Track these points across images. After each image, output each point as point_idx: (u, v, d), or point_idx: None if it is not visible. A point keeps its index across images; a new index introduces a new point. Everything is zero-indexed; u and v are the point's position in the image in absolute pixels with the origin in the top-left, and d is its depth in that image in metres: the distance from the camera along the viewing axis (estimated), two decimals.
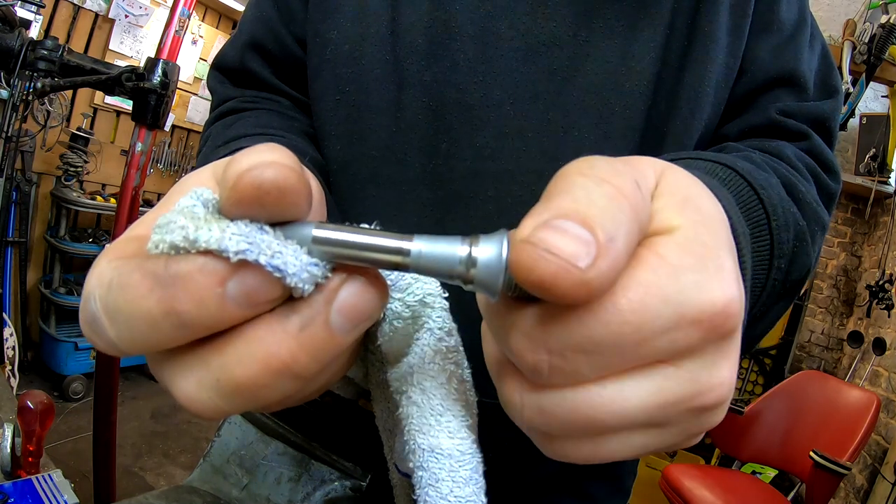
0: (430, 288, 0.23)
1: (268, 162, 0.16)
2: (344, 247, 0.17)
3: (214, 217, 0.17)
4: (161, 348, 0.18)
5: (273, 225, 0.17)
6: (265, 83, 0.49)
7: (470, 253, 0.17)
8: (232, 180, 0.16)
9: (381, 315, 0.23)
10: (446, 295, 0.24)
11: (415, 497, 0.24)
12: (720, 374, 0.18)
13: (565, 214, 0.15)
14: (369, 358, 0.28)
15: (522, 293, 0.17)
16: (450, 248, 0.17)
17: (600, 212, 0.15)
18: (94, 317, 0.17)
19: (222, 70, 0.51)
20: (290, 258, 0.17)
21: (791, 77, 0.44)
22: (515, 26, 0.40)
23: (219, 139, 0.41)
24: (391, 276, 0.23)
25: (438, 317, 0.23)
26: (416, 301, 0.23)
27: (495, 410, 0.42)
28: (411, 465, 0.24)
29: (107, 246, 0.19)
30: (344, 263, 0.18)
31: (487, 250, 0.17)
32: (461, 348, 0.24)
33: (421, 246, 0.17)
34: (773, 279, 0.32)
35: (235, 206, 0.17)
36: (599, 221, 0.15)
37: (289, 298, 0.18)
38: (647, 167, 0.20)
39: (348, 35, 0.43)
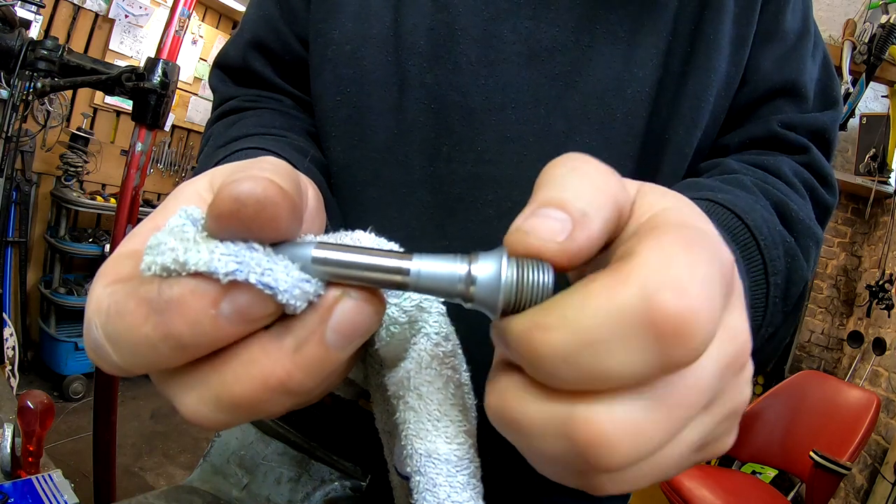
0: None
1: (249, 176, 0.16)
2: (343, 267, 0.17)
3: (204, 237, 0.17)
4: (164, 368, 0.18)
5: (275, 245, 0.17)
6: (267, 82, 0.49)
7: (469, 271, 0.17)
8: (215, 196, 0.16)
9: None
10: (443, 300, 0.23)
11: (413, 501, 0.24)
12: (745, 326, 0.19)
13: (545, 203, 0.18)
14: (368, 360, 0.28)
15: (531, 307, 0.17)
16: (449, 267, 0.18)
17: (573, 194, 0.18)
18: (97, 343, 0.18)
19: (224, 69, 0.51)
20: (281, 275, 0.17)
21: (793, 88, 0.44)
22: (518, 30, 0.40)
23: (220, 139, 0.40)
24: None
25: (435, 321, 0.23)
26: (412, 306, 0.23)
27: None
28: (409, 469, 0.24)
29: (102, 266, 0.19)
30: (342, 283, 0.18)
31: (486, 268, 0.17)
32: (459, 352, 0.24)
33: (420, 265, 0.17)
34: (773, 297, 0.32)
35: (214, 221, 0.17)
36: (573, 201, 0.17)
37: (285, 315, 0.18)
38: (627, 181, 0.21)
39: (350, 35, 0.42)
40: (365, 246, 0.19)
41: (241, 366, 0.17)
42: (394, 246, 0.23)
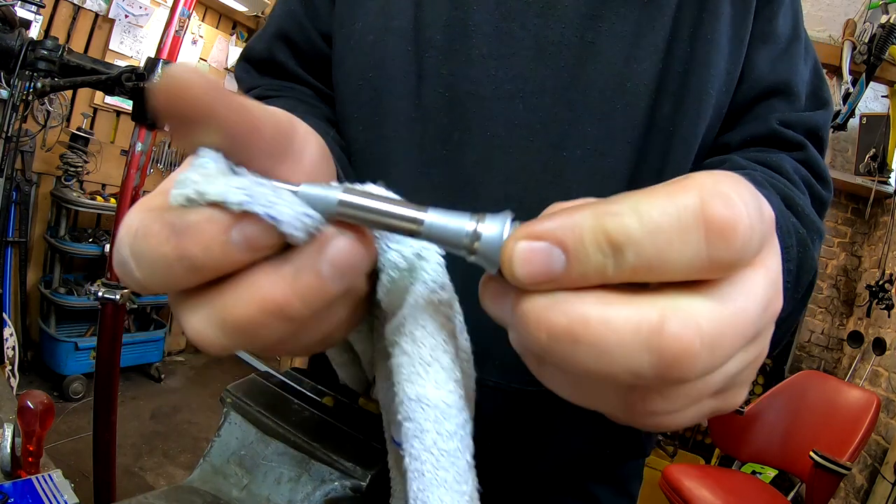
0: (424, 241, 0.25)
1: (174, 67, 0.18)
2: (365, 212, 0.20)
3: (223, 173, 0.19)
4: (178, 288, 0.20)
5: (306, 186, 0.20)
6: (290, 73, 0.52)
7: (476, 228, 0.19)
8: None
9: (378, 265, 0.24)
10: (443, 253, 0.25)
11: (402, 450, 0.24)
12: (780, 275, 0.20)
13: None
14: (375, 324, 0.29)
15: None
16: (459, 223, 0.20)
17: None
18: (124, 261, 0.20)
19: (250, 61, 0.55)
20: (284, 208, 0.19)
21: (786, 87, 0.47)
22: (527, 27, 0.44)
23: None
24: None
25: (433, 269, 0.25)
26: (412, 253, 0.24)
27: (496, 395, 0.42)
28: (400, 417, 0.24)
29: (139, 201, 0.22)
30: (360, 225, 0.20)
31: (492, 227, 0.19)
32: (455, 304, 0.25)
33: (434, 218, 0.20)
34: (787, 282, 0.34)
35: (156, 105, 0.18)
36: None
37: (288, 247, 0.20)
38: None
39: (372, 27, 0.46)
40: (384, 195, 0.21)
41: (244, 289, 0.19)
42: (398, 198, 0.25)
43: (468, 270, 0.24)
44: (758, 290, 0.18)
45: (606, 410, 0.21)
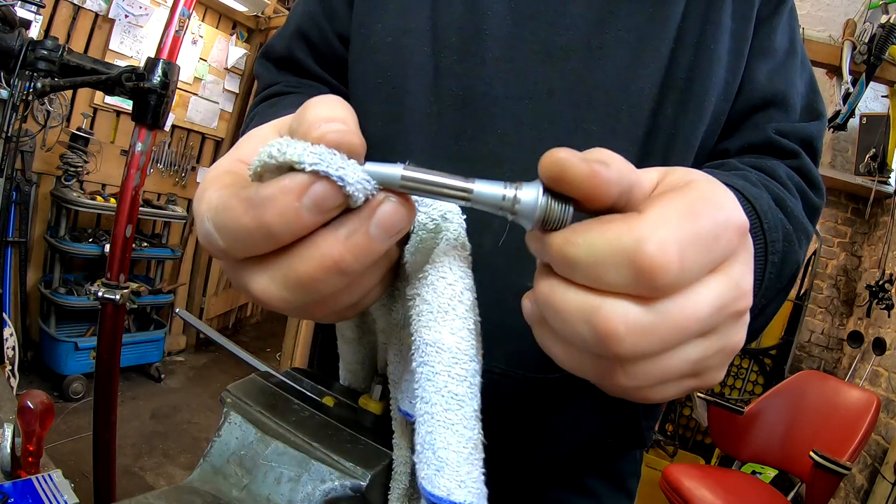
0: (450, 206, 0.29)
1: (330, 117, 0.23)
2: (424, 184, 0.24)
3: (297, 141, 0.22)
4: (255, 254, 0.24)
5: (371, 164, 0.23)
6: (307, 70, 0.56)
7: (516, 194, 0.23)
8: (305, 129, 0.23)
9: (411, 228, 0.28)
10: (465, 217, 0.29)
11: (415, 388, 0.25)
12: (748, 281, 0.24)
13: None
14: (395, 294, 0.32)
15: (554, 227, 0.23)
16: (501, 190, 0.24)
17: (599, 154, 0.23)
18: (208, 233, 0.24)
19: (269, 58, 0.59)
20: (351, 172, 0.22)
21: (783, 99, 0.50)
22: (537, 33, 0.46)
23: (265, 117, 0.45)
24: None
25: (455, 230, 0.28)
26: (438, 215, 0.28)
27: (502, 383, 0.43)
28: (415, 364, 0.25)
29: (204, 182, 0.25)
30: (416, 194, 0.24)
31: (529, 193, 0.23)
32: (470, 264, 0.28)
33: (480, 188, 0.24)
34: (769, 272, 0.36)
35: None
36: (600, 156, 0.23)
37: (343, 213, 0.23)
38: (652, 169, 0.26)
39: (391, 28, 0.49)
40: (434, 171, 0.24)
41: (306, 250, 0.23)
42: None
43: (477, 274, 0.29)
44: (709, 295, 0.22)
45: (590, 378, 0.25)
